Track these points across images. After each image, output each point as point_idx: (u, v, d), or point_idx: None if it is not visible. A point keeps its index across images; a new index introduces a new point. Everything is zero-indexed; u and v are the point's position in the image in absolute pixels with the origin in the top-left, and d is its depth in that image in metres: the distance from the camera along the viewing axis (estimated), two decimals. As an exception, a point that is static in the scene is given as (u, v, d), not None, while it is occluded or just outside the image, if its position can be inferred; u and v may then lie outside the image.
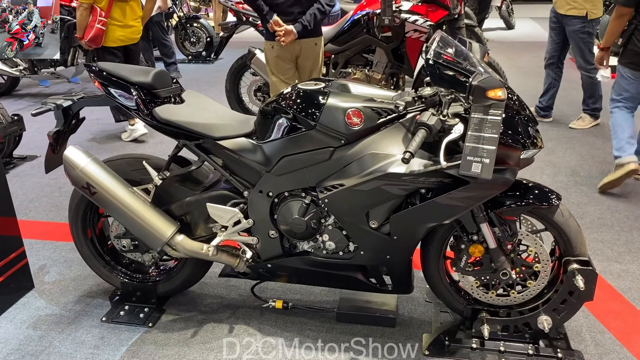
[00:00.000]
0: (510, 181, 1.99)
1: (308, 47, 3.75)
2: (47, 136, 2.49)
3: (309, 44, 3.75)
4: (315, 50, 3.80)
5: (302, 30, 3.61)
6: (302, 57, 3.80)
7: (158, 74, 2.33)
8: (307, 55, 3.78)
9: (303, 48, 3.74)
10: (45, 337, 2.47)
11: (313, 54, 3.80)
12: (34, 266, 2.99)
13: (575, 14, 4.78)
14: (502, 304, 2.34)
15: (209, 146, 2.30)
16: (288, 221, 2.25)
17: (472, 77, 1.86)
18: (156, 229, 2.33)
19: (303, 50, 3.75)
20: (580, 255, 2.21)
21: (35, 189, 4.12)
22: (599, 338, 2.38)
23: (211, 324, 2.52)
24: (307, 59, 3.80)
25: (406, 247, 2.20)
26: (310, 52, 3.78)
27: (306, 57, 3.79)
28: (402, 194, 2.07)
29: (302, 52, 3.76)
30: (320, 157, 2.12)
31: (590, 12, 4.74)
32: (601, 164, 4.27)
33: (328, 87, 2.18)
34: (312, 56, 3.80)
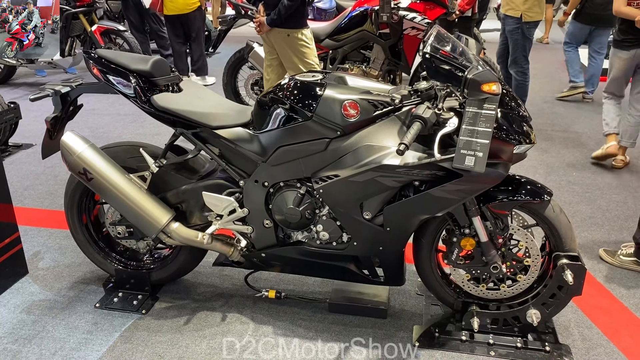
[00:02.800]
0: (502, 175, 2.02)
1: (280, 38, 3.94)
2: (44, 122, 2.50)
3: (280, 35, 3.94)
4: (290, 42, 3.93)
5: (270, 21, 3.89)
6: (277, 48, 4.02)
7: (157, 62, 2.34)
8: (280, 45, 3.98)
9: (273, 38, 3.97)
10: (38, 321, 2.49)
11: (288, 45, 3.94)
12: (28, 252, 3.00)
13: (511, 15, 5.01)
14: (492, 298, 2.37)
15: (205, 135, 2.32)
16: (283, 211, 2.27)
17: (467, 71, 1.88)
18: (152, 216, 2.34)
19: (274, 40, 3.98)
20: (570, 250, 2.24)
21: (31, 176, 4.12)
22: (586, 333, 2.41)
23: (204, 312, 2.54)
24: (282, 48, 3.99)
25: (399, 238, 2.23)
26: (283, 43, 3.95)
27: (280, 46, 3.99)
28: (396, 185, 2.10)
29: (275, 42, 3.99)
30: (316, 147, 2.14)
31: (526, 14, 4.91)
32: (594, 164, 4.32)
33: (325, 78, 2.20)
34: (287, 47, 3.95)
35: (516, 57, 5.02)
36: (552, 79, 7.13)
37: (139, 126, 5.25)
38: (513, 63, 5.08)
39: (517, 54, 4.99)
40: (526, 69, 5.07)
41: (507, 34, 5.03)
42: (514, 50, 5.03)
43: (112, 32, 6.76)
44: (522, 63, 5.00)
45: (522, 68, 5.03)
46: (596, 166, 4.27)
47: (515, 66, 5.06)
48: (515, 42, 4.97)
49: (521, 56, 4.97)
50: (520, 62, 4.99)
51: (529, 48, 4.99)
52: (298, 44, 3.95)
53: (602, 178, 4.06)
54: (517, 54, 4.99)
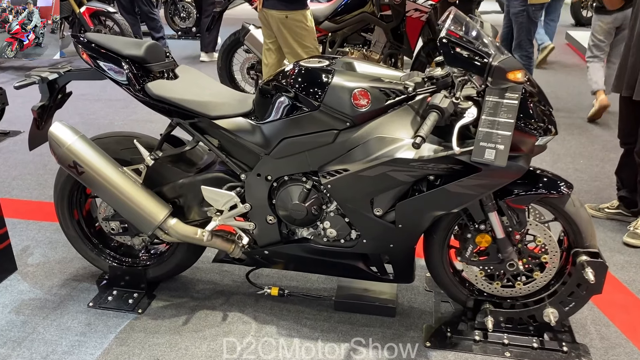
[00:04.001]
0: (524, 169, 1.90)
1: (277, 20, 3.78)
2: (31, 111, 2.34)
3: (279, 17, 3.77)
4: (288, 24, 3.77)
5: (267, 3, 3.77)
6: (275, 30, 3.86)
7: (151, 47, 2.18)
8: (277, 27, 3.82)
9: (272, 20, 3.81)
10: (28, 322, 2.35)
11: (287, 28, 3.78)
12: (17, 247, 2.86)
13: None
14: (506, 295, 2.26)
15: (204, 125, 2.18)
16: (287, 207, 2.13)
17: (491, 58, 1.75)
18: (147, 212, 2.20)
19: (272, 22, 3.82)
20: (590, 247, 2.13)
21: (19, 166, 3.95)
22: (604, 331, 2.32)
23: (204, 311, 2.42)
24: (279, 31, 3.83)
25: (411, 235, 2.10)
26: (281, 25, 3.79)
27: (277, 29, 3.83)
28: (410, 180, 1.97)
29: (273, 25, 3.83)
30: (323, 139, 2.00)
31: None
32: (602, 151, 4.21)
33: (332, 64, 2.05)
34: (285, 29, 3.79)
35: (521, 41, 4.86)
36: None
37: (131, 112, 5.07)
38: (517, 47, 4.93)
39: (522, 37, 4.83)
40: (531, 53, 4.93)
41: (511, 17, 4.87)
42: (518, 34, 4.87)
43: (102, 13, 6.54)
44: (527, 47, 4.85)
45: (527, 52, 4.88)
46: (604, 152, 4.16)
47: (520, 50, 4.91)
48: (520, 25, 4.81)
49: (526, 39, 4.82)
50: (525, 45, 4.85)
51: (534, 31, 4.85)
52: (296, 27, 3.77)
53: (611, 166, 3.94)
54: (522, 37, 4.83)
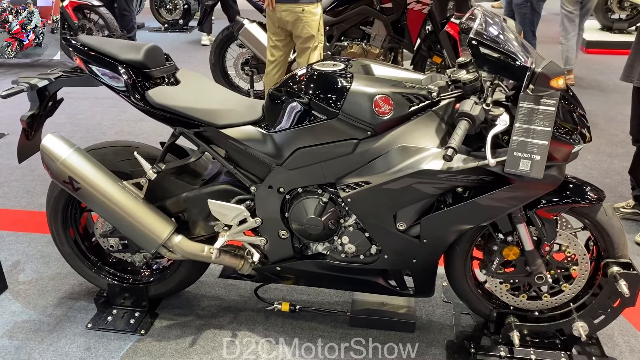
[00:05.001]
0: (559, 180, 1.78)
1: (290, 14, 3.62)
2: (19, 121, 2.16)
3: (295, 11, 3.61)
4: (303, 16, 3.60)
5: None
6: (289, 26, 3.69)
7: (151, 50, 2.01)
8: (290, 22, 3.65)
9: (282, 15, 3.64)
10: (23, 347, 2.19)
11: (302, 20, 3.62)
12: (6, 262, 2.68)
13: None
14: (532, 308, 2.15)
15: (210, 135, 2.02)
16: (302, 221, 1.99)
17: (533, 64, 1.61)
18: (150, 229, 2.04)
19: (285, 17, 3.64)
20: (622, 257, 2.02)
21: (4, 172, 3.74)
22: (633, 342, 2.22)
23: (211, 330, 2.28)
24: (291, 25, 3.67)
25: (435, 250, 1.97)
26: (297, 20, 3.62)
27: (291, 24, 3.66)
28: (436, 193, 1.83)
29: (285, 18, 3.65)
30: (341, 150, 1.86)
31: None
32: (608, 145, 4.11)
33: (349, 68, 1.90)
34: (299, 22, 3.63)
35: (524, 33, 4.75)
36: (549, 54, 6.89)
37: (120, 111, 4.86)
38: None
39: (525, 29, 4.73)
40: (533, 45, 4.82)
41: (514, 8, 4.75)
42: (521, 25, 4.76)
43: (86, 7, 6.28)
44: (530, 39, 4.75)
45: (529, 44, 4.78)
46: (611, 147, 4.07)
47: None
48: (523, 16, 4.70)
49: (529, 31, 4.72)
50: (527, 37, 4.74)
51: (537, 23, 4.74)
52: (312, 20, 3.63)
53: (620, 162, 3.85)
54: (525, 29, 4.73)
